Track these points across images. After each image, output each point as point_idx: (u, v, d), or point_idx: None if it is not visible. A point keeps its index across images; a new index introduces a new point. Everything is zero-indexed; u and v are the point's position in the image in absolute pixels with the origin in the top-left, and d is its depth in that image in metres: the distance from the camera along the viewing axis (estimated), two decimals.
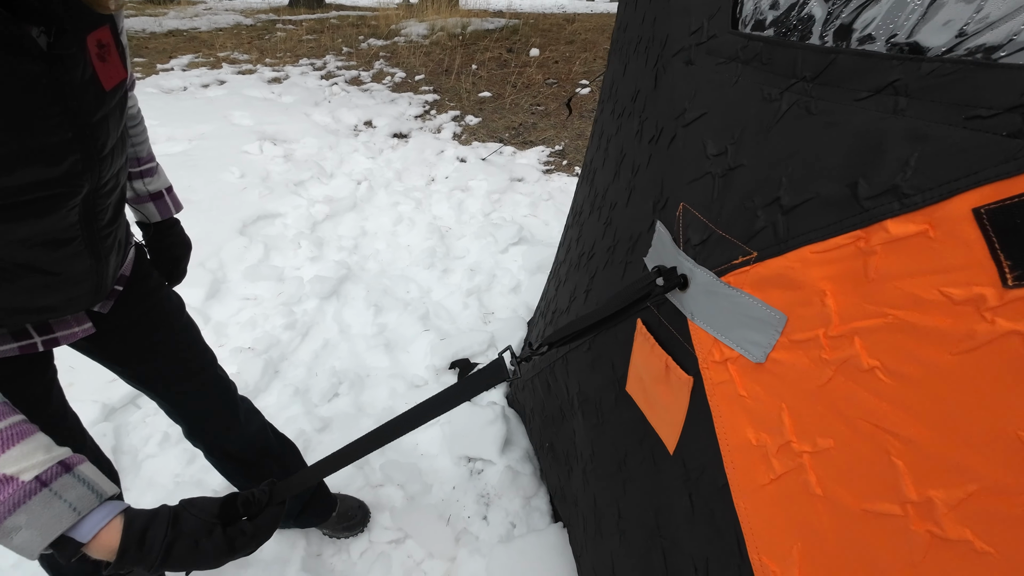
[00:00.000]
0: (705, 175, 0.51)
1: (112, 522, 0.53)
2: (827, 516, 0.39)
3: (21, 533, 0.48)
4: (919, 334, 0.33)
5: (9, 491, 0.48)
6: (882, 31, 0.39)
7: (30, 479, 0.49)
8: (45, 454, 0.51)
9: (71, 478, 0.52)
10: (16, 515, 0.47)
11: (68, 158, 0.66)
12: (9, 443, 0.50)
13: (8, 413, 0.52)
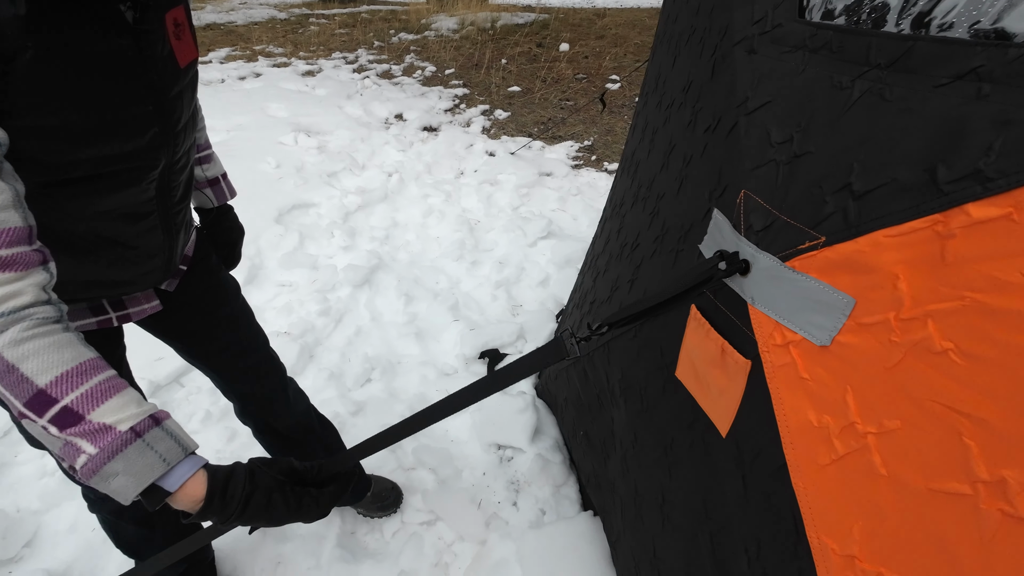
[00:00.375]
0: (769, 162, 0.52)
1: (196, 474, 0.57)
2: (891, 495, 0.40)
3: (118, 479, 0.52)
4: (998, 316, 0.34)
5: (108, 439, 0.51)
6: (964, 18, 0.39)
7: (126, 429, 0.52)
8: (137, 407, 0.55)
9: (161, 431, 0.55)
10: (114, 462, 0.51)
11: (149, 131, 0.70)
12: (106, 395, 0.53)
13: (103, 367, 0.55)
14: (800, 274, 0.46)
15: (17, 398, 0.51)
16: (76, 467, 0.51)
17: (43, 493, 1.54)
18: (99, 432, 0.52)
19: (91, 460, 0.51)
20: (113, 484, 0.52)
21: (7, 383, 0.51)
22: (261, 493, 0.59)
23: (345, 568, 1.39)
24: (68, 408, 0.52)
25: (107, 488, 0.52)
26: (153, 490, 0.54)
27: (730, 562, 0.58)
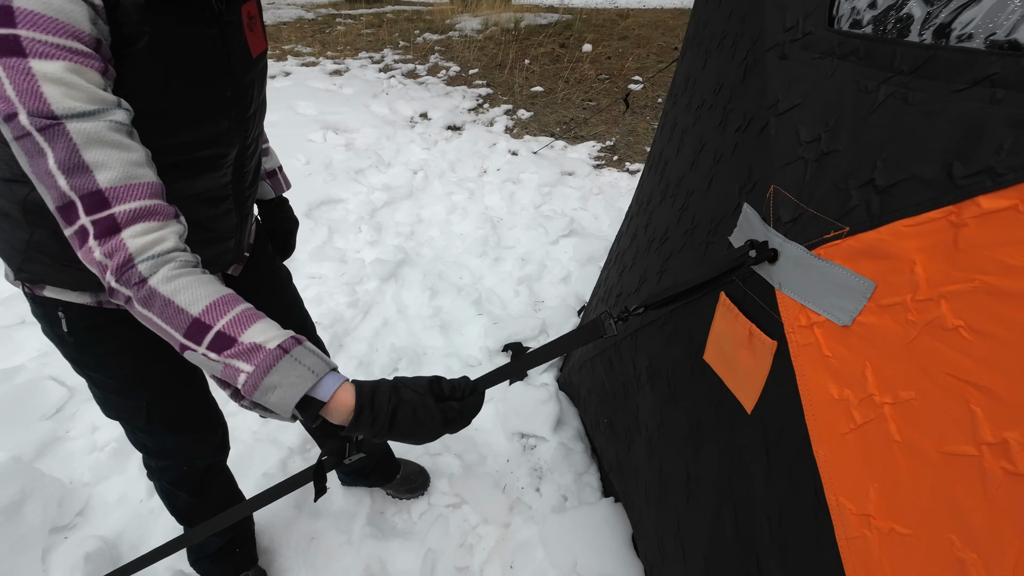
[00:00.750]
0: (798, 160, 0.56)
1: (344, 386, 0.61)
2: (905, 459, 0.44)
3: (276, 392, 0.57)
4: (1005, 296, 0.38)
5: (260, 356, 0.57)
6: (981, 30, 0.43)
7: (274, 347, 0.58)
8: (278, 330, 0.61)
9: (303, 349, 0.60)
10: (270, 376, 0.57)
11: (228, 115, 0.77)
12: (250, 321, 0.59)
13: (241, 300, 0.62)
14: (826, 261, 0.51)
15: (176, 330, 0.58)
16: (238, 386, 0.58)
17: (93, 466, 1.64)
18: (251, 351, 0.58)
19: (250, 377, 0.57)
20: (272, 398, 0.57)
21: (166, 316, 0.58)
22: (406, 407, 0.61)
23: (375, 545, 1.46)
24: (221, 332, 0.58)
25: (268, 402, 0.58)
26: (308, 403, 0.59)
27: (753, 532, 0.63)
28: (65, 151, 0.56)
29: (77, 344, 0.90)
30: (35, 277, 0.83)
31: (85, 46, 0.57)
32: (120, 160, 0.59)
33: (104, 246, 0.58)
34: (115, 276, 0.58)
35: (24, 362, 1.95)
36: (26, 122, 0.55)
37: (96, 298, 0.87)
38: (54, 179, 0.57)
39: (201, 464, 1.16)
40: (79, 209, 0.58)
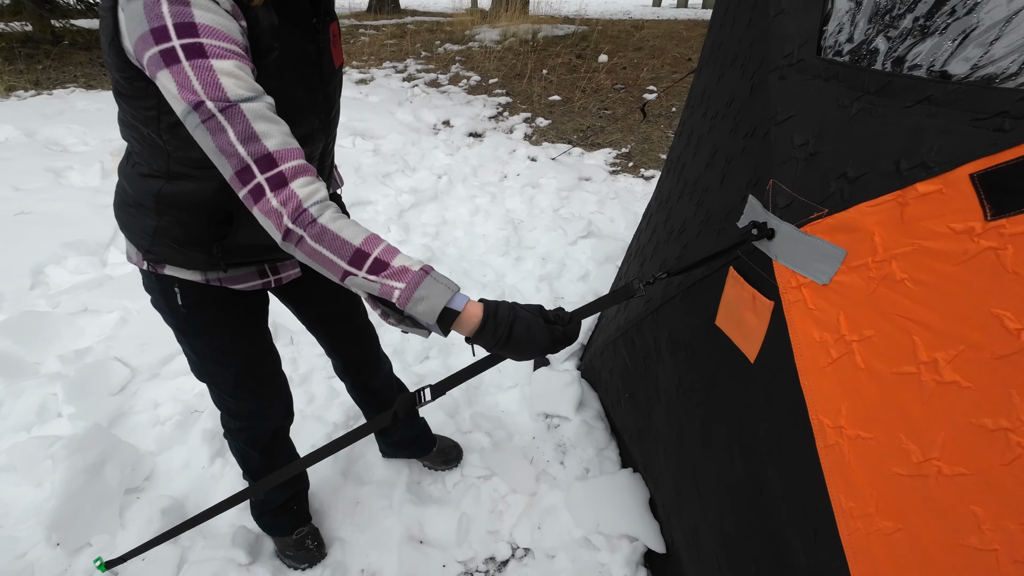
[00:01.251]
0: (791, 159, 0.71)
1: (473, 301, 0.75)
2: (867, 380, 0.59)
3: (423, 303, 0.71)
4: (934, 254, 0.53)
5: (409, 276, 0.72)
6: (925, 62, 0.59)
7: (418, 269, 0.73)
8: (416, 259, 0.75)
9: (438, 273, 0.75)
10: (419, 290, 0.71)
11: (319, 116, 0.94)
12: (395, 251, 0.74)
13: (383, 238, 0.76)
14: (811, 236, 0.65)
15: (343, 258, 0.73)
16: (393, 300, 0.72)
17: (158, 437, 1.82)
18: (401, 272, 0.72)
19: (403, 292, 0.71)
20: (421, 308, 0.71)
21: (334, 247, 0.73)
22: (522, 322, 0.74)
23: (413, 509, 1.61)
24: (378, 259, 0.73)
25: (417, 312, 0.72)
26: (445, 314, 0.73)
27: (756, 460, 0.77)
28: (241, 125, 0.72)
29: (187, 315, 1.07)
30: (159, 258, 1.00)
31: (241, 50, 0.74)
32: (278, 130, 0.75)
33: (279, 196, 0.73)
34: (291, 219, 0.73)
35: (92, 344, 2.14)
36: (212, 107, 0.71)
37: (204, 276, 1.04)
38: (235, 148, 0.72)
39: (271, 427, 1.33)
40: (254, 170, 0.72)
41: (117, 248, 2.88)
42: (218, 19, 0.72)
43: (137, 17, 0.70)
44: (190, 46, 0.70)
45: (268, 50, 0.79)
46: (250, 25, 0.77)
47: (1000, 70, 0.51)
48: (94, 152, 3.83)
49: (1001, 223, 0.48)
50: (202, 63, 0.70)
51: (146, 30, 0.70)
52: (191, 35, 0.70)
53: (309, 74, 0.90)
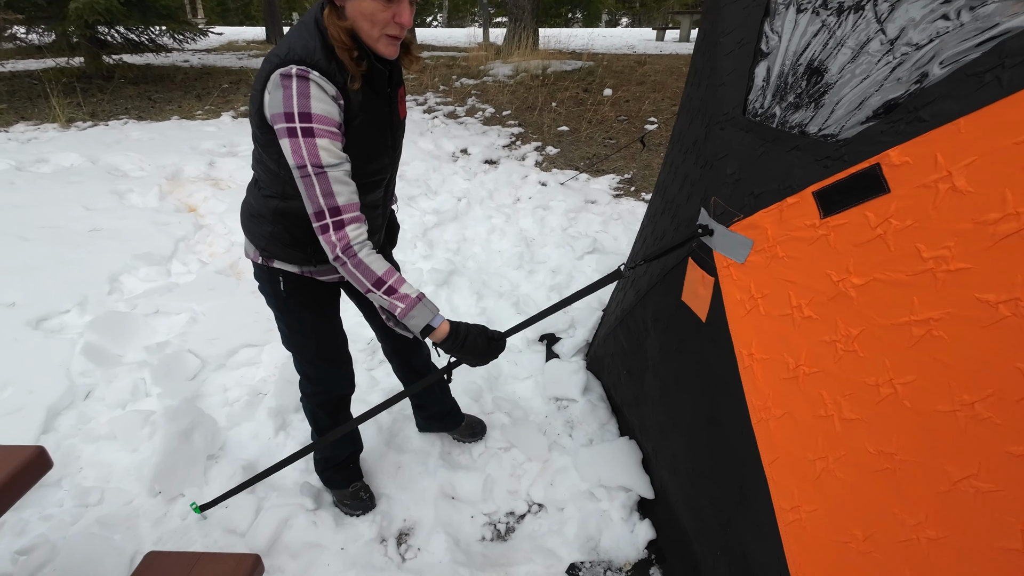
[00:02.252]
0: (725, 183, 1.07)
1: (445, 321, 1.14)
2: (766, 322, 0.92)
3: (415, 319, 1.10)
4: (797, 240, 0.87)
5: (409, 301, 1.10)
6: (796, 123, 0.95)
7: (415, 296, 1.11)
8: (415, 289, 1.13)
9: (428, 299, 1.13)
10: (414, 311, 1.10)
11: (389, 155, 1.31)
12: (402, 281, 1.12)
13: (397, 271, 1.14)
14: (734, 232, 1.00)
15: (368, 280, 1.11)
16: (396, 314, 1.10)
17: (228, 415, 2.16)
18: (404, 297, 1.10)
19: (403, 310, 1.09)
20: (412, 322, 1.11)
21: (364, 273, 1.10)
22: (474, 336, 1.17)
23: (446, 473, 1.93)
24: (391, 286, 1.11)
25: (410, 324, 1.11)
26: (426, 328, 1.12)
27: (706, 389, 1.10)
28: (325, 184, 1.10)
29: (286, 297, 1.43)
30: (270, 255, 1.37)
31: (336, 129, 1.11)
32: (347, 190, 1.13)
33: (337, 234, 1.12)
34: (342, 250, 1.12)
35: (169, 339, 2.51)
36: (309, 169, 1.09)
37: (300, 269, 1.40)
38: (319, 198, 1.11)
39: (339, 392, 1.67)
40: (327, 214, 1.11)
41: (178, 260, 3.28)
42: (326, 107, 1.08)
43: (277, 102, 1.07)
44: (305, 128, 1.07)
45: (355, 117, 1.16)
46: (345, 100, 1.13)
47: (830, 132, 0.87)
48: (150, 177, 4.28)
49: (827, 220, 0.83)
50: (311, 141, 1.07)
51: (280, 112, 1.07)
52: (307, 121, 1.07)
53: (383, 126, 1.27)
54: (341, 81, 1.09)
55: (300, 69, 1.05)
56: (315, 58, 1.06)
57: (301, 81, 1.05)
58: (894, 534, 0.76)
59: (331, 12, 1.08)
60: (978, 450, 0.68)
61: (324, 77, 1.06)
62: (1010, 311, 0.64)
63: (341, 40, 1.07)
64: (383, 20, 1.07)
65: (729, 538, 1.05)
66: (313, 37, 1.08)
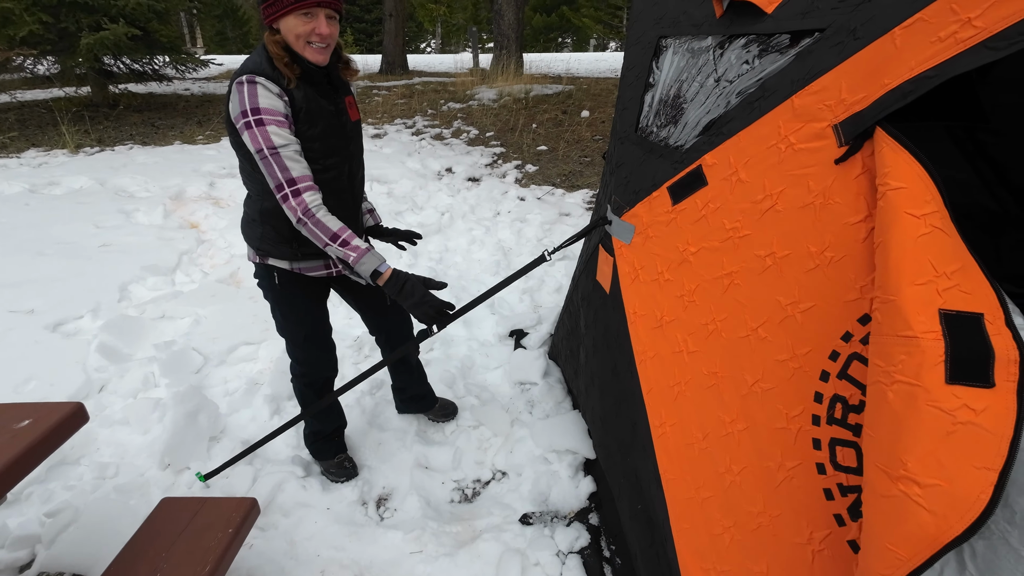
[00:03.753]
0: (621, 183, 1.37)
1: (390, 267, 1.42)
2: (643, 287, 1.22)
3: (365, 265, 1.38)
4: (658, 224, 1.17)
5: (360, 250, 1.39)
6: (663, 138, 1.26)
7: (365, 247, 1.40)
8: (365, 242, 1.41)
9: (375, 250, 1.41)
10: (364, 258, 1.38)
11: (341, 151, 1.58)
12: (354, 236, 1.40)
13: (348, 228, 1.43)
14: (623, 221, 1.30)
15: (325, 235, 1.39)
16: (349, 261, 1.39)
17: (228, 403, 2.42)
18: (356, 248, 1.39)
19: (355, 258, 1.38)
20: (362, 268, 1.39)
21: (321, 229, 1.39)
22: (412, 283, 1.43)
23: (421, 447, 2.19)
24: (344, 239, 1.39)
25: (360, 269, 1.39)
26: (374, 273, 1.40)
27: (609, 347, 1.39)
28: (279, 161, 1.39)
29: (280, 289, 1.72)
30: (265, 253, 1.66)
31: (284, 118, 1.40)
32: (299, 166, 1.42)
33: (296, 199, 1.39)
34: (303, 213, 1.39)
35: (175, 338, 2.78)
36: (266, 151, 1.38)
37: (290, 265, 1.68)
38: (276, 173, 1.39)
39: (323, 375, 1.94)
40: (285, 185, 1.39)
41: (182, 271, 3.57)
42: (271, 102, 1.37)
43: (234, 104, 1.38)
44: (257, 120, 1.36)
45: (299, 110, 1.45)
46: (290, 98, 1.43)
47: (680, 143, 1.19)
48: (155, 197, 4.60)
49: (676, 207, 1.13)
50: (262, 128, 1.37)
51: (238, 111, 1.37)
52: (257, 113, 1.36)
53: (332, 122, 1.53)
54: (284, 82, 1.40)
55: (248, 76, 1.37)
56: (260, 68, 1.38)
57: (250, 85, 1.36)
58: (719, 431, 1.05)
59: (269, 35, 1.41)
60: (761, 361, 0.97)
61: (268, 80, 1.37)
62: (771, 261, 0.94)
63: (276, 52, 1.39)
64: (305, 32, 1.38)
65: (627, 466, 1.33)
66: (260, 55, 1.41)
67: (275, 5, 1.35)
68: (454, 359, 2.75)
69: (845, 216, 0.83)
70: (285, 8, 1.34)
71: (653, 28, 1.47)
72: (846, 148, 0.82)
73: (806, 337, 0.90)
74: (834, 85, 0.84)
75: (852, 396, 0.85)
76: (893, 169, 0.75)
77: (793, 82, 0.91)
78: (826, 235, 0.86)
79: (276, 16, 1.36)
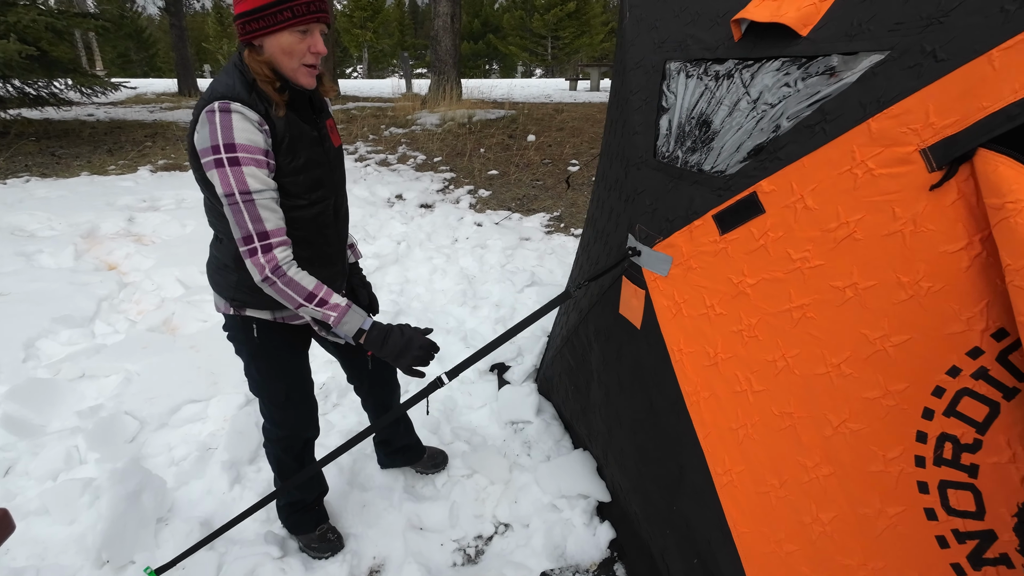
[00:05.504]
0: (645, 212, 1.30)
1: (374, 323, 1.25)
2: (687, 322, 1.13)
3: (347, 325, 1.21)
4: (704, 254, 1.10)
5: (340, 309, 1.22)
6: (694, 163, 1.20)
7: (344, 304, 1.22)
8: (344, 299, 1.23)
9: (356, 307, 1.24)
10: (346, 317, 1.21)
11: (326, 181, 1.40)
12: (331, 293, 1.23)
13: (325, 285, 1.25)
14: (656, 251, 1.22)
15: (299, 295, 1.20)
16: (330, 323, 1.21)
17: (176, 475, 2.08)
18: (335, 307, 1.22)
19: (336, 318, 1.21)
20: (344, 328, 1.22)
21: (294, 288, 1.20)
22: (394, 334, 1.28)
23: (411, 505, 1.97)
24: (322, 298, 1.21)
25: (342, 331, 1.22)
26: (359, 332, 1.23)
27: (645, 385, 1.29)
28: (252, 210, 1.19)
29: (260, 344, 1.48)
30: (241, 304, 1.42)
31: (263, 156, 1.20)
32: (274, 216, 1.22)
33: (265, 256, 1.20)
34: (271, 271, 1.20)
35: (103, 402, 2.38)
36: (237, 196, 1.18)
37: (272, 315, 1.45)
38: (246, 223, 1.19)
39: (304, 436, 1.70)
40: (255, 239, 1.20)
41: (102, 321, 3.11)
42: (249, 135, 1.16)
43: (204, 137, 1.16)
44: (231, 158, 1.15)
45: (283, 139, 1.24)
46: (271, 126, 1.22)
47: (720, 169, 1.12)
48: (63, 236, 4.03)
49: (725, 236, 1.06)
50: (238, 169, 1.16)
51: (207, 146, 1.16)
52: (232, 151, 1.15)
53: (316, 150, 1.33)
54: (263, 108, 1.19)
55: (222, 103, 1.15)
56: (235, 91, 1.17)
57: (223, 114, 1.15)
58: (799, 477, 0.96)
59: (250, 53, 1.20)
60: (846, 399, 0.90)
61: (245, 106, 1.16)
62: (852, 293, 0.88)
63: (264, 74, 1.18)
64: (300, 51, 1.19)
65: (674, 514, 1.22)
66: (232, 76, 1.19)
67: (265, 19, 1.15)
68: (434, 401, 2.54)
69: (941, 244, 0.79)
70: (279, 24, 1.15)
71: (655, 52, 1.43)
72: (941, 173, 0.78)
73: (901, 373, 0.84)
74: (919, 108, 0.80)
75: (964, 434, 0.79)
76: (1010, 186, 0.70)
77: (864, 105, 0.87)
78: (919, 264, 0.81)
79: (265, 32, 1.16)
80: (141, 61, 40.13)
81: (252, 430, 2.22)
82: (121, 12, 17.44)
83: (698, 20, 1.30)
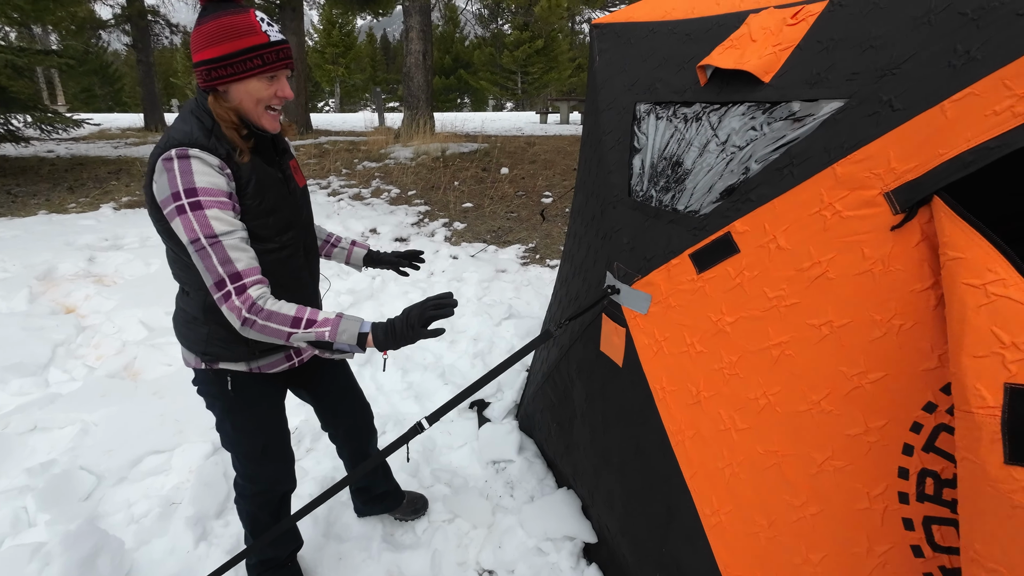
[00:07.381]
0: (622, 250, 1.31)
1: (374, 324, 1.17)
2: (669, 359, 1.14)
3: (345, 334, 1.13)
4: (682, 292, 1.11)
5: (331, 322, 1.14)
6: (668, 202, 1.23)
7: (335, 315, 1.15)
8: (329, 312, 1.16)
9: (349, 314, 1.17)
10: (341, 326, 1.14)
11: (294, 223, 1.36)
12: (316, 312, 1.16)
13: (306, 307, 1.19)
14: (635, 289, 1.23)
15: (284, 325, 1.13)
16: (326, 339, 1.13)
17: (136, 533, 1.95)
18: (325, 322, 1.14)
19: (331, 331, 1.13)
20: (343, 337, 1.14)
21: (277, 320, 1.13)
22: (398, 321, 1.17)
23: (390, 555, 1.89)
24: (308, 319, 1.14)
25: (341, 340, 1.14)
26: (360, 337, 1.15)
27: (630, 423, 1.28)
28: (221, 252, 1.14)
29: (235, 397, 1.40)
30: (213, 357, 1.36)
31: (227, 199, 1.17)
32: (246, 256, 1.17)
33: (240, 297, 1.14)
34: (248, 311, 1.13)
35: (56, 457, 2.22)
36: (204, 241, 1.14)
37: (248, 366, 1.39)
38: (216, 267, 1.13)
39: (282, 489, 1.61)
40: (227, 282, 1.14)
41: (57, 367, 2.94)
42: (210, 179, 1.13)
43: (163, 186, 1.13)
44: (193, 203, 1.11)
45: (248, 180, 1.22)
46: (233, 170, 1.19)
47: (694, 208, 1.15)
48: (16, 278, 3.84)
49: (702, 275, 1.08)
50: (201, 213, 1.12)
51: (167, 194, 1.12)
52: (193, 196, 1.12)
53: (281, 191, 1.31)
54: (224, 152, 1.16)
55: (179, 150, 1.12)
56: (192, 137, 1.14)
57: (182, 161, 1.11)
58: (787, 516, 0.96)
59: (215, 99, 1.18)
60: (829, 436, 0.91)
61: (204, 151, 1.13)
62: (828, 330, 0.90)
63: (230, 120, 1.17)
64: (267, 96, 1.19)
65: (664, 556, 1.20)
66: (188, 122, 1.17)
67: (234, 67, 1.14)
68: (414, 442, 2.46)
69: (910, 283, 0.81)
70: (248, 71, 1.14)
71: (626, 94, 1.47)
72: (902, 216, 0.81)
73: (880, 409, 0.85)
74: (880, 154, 0.84)
75: (944, 470, 0.80)
76: (951, 239, 0.74)
77: (828, 150, 0.91)
78: (891, 303, 0.83)
79: (232, 79, 1.15)
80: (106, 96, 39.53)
81: (220, 480, 2.11)
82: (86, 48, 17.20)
83: (666, 64, 1.35)
